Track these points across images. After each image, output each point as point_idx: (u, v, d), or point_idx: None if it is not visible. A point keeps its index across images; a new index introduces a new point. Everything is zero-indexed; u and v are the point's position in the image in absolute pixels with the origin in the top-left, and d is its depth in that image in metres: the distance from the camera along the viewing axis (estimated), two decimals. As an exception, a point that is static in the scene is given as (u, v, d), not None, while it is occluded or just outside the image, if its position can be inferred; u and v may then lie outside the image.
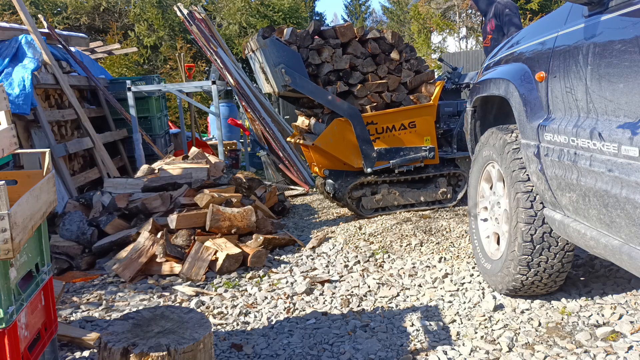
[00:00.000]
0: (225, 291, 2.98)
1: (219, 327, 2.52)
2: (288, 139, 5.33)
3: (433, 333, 2.38)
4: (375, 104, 4.29)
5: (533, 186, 2.36)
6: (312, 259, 3.47)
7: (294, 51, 4.03)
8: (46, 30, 5.92)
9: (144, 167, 4.71)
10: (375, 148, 4.27)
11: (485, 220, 2.94)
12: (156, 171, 4.53)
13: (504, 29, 5.16)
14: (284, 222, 4.37)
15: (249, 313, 2.67)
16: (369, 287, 2.95)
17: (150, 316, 1.88)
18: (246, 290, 2.99)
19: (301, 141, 4.63)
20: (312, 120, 4.72)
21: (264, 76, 4.25)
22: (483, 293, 2.77)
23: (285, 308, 2.71)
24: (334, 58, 4.16)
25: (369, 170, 4.28)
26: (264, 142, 6.44)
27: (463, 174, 4.54)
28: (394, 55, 4.28)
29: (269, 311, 2.68)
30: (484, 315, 2.52)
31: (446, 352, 2.21)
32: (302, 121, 4.97)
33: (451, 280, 2.96)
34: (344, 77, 4.22)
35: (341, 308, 2.69)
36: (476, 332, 2.37)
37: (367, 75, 4.26)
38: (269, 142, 6.14)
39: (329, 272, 3.22)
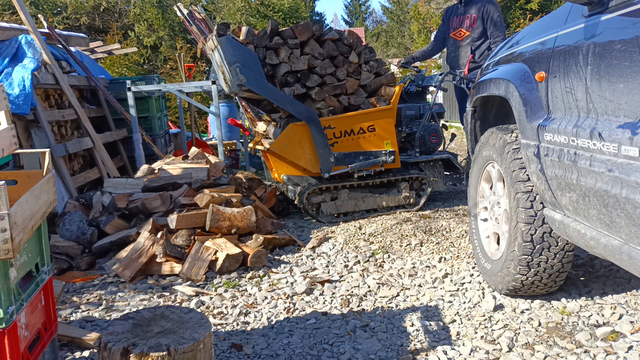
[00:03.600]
0: (225, 291, 2.98)
1: (219, 327, 2.52)
2: (250, 145, 5.30)
3: (433, 333, 2.38)
4: (332, 108, 4.20)
5: (533, 186, 2.36)
6: (312, 259, 3.47)
7: (250, 50, 3.92)
8: (46, 30, 5.91)
9: (144, 167, 4.71)
10: (333, 153, 4.17)
11: (485, 220, 2.94)
12: (156, 171, 4.53)
13: (489, 30, 4.96)
14: (284, 222, 4.36)
15: (249, 313, 2.67)
16: (369, 287, 2.95)
17: (150, 316, 1.88)
18: (246, 290, 2.99)
19: (261, 147, 4.56)
20: (271, 126, 4.65)
21: (222, 75, 4.15)
22: (483, 293, 2.77)
23: (285, 308, 2.71)
24: (292, 59, 4.05)
25: (326, 175, 4.19)
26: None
27: (426, 178, 4.46)
28: (353, 57, 4.18)
29: (269, 311, 2.68)
30: (484, 315, 2.52)
31: (446, 352, 2.21)
32: (260, 126, 4.91)
33: (451, 280, 2.96)
34: (302, 79, 4.11)
35: (341, 308, 2.69)
36: (476, 332, 2.37)
37: (325, 78, 4.15)
38: None
39: (329, 272, 3.22)
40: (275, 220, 4.11)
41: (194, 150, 4.99)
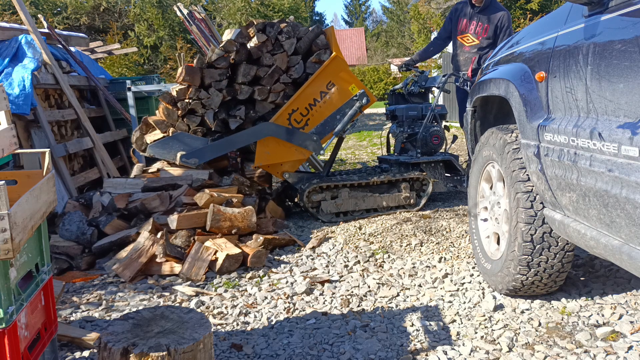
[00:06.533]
0: (225, 291, 2.98)
1: (219, 327, 2.52)
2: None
3: (433, 333, 2.38)
4: (283, 91, 4.09)
5: (533, 186, 2.36)
6: (312, 259, 3.47)
7: (174, 135, 3.96)
8: (46, 30, 5.91)
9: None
10: (312, 131, 4.14)
11: (485, 220, 2.94)
12: (156, 171, 4.53)
13: (499, 40, 4.74)
14: (284, 222, 4.36)
15: (249, 313, 2.67)
16: (369, 287, 2.95)
17: (150, 316, 1.88)
18: (246, 290, 2.99)
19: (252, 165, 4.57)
20: None
21: None
22: (483, 293, 2.77)
23: (285, 308, 2.71)
24: (206, 102, 3.96)
25: (321, 152, 4.17)
26: None
27: (427, 178, 4.44)
28: (260, 37, 3.96)
29: (269, 311, 2.68)
30: (484, 315, 2.52)
31: (446, 352, 2.21)
32: None
33: (451, 280, 2.96)
34: (235, 96, 4.04)
35: (341, 308, 2.69)
36: (476, 332, 2.37)
37: (258, 73, 4.01)
38: None
39: (329, 272, 3.22)
40: (277, 220, 4.12)
41: (194, 150, 4.98)
